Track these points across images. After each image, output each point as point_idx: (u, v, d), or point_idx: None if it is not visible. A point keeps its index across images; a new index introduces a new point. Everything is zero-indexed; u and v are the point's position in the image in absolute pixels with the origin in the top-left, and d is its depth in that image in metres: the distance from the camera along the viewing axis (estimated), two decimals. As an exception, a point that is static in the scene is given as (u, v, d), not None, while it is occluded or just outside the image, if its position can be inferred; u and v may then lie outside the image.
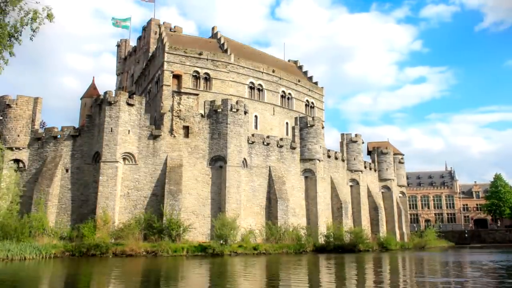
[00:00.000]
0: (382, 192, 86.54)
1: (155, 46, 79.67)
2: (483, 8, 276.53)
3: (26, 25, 22.35)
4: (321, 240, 62.63)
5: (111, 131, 55.31)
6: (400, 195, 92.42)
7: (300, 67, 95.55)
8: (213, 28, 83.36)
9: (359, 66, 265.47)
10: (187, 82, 68.55)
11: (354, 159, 77.84)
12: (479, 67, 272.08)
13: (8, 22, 22.63)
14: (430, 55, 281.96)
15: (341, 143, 78.62)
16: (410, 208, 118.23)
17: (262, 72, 76.74)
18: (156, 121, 63.78)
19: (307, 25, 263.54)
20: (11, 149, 57.00)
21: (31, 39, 23.05)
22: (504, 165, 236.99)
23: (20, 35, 22.94)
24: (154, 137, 57.70)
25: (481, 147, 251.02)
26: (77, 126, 62.80)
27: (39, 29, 22.60)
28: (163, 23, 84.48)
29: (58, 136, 58.13)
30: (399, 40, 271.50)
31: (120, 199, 54.94)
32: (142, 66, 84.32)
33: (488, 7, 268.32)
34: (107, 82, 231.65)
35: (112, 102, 56.06)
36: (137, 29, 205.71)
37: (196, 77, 69.81)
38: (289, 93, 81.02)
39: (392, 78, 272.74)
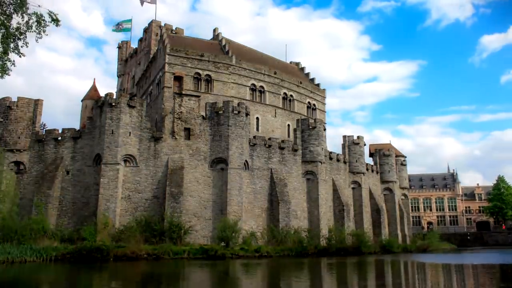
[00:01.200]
0: (384, 195, 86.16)
1: (156, 48, 79.39)
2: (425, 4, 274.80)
3: (31, 27, 22.20)
4: (323, 242, 62.46)
5: (112, 133, 55.11)
6: (402, 197, 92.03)
7: (302, 69, 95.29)
8: (214, 30, 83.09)
9: (303, 64, 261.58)
10: (188, 84, 68.28)
11: (356, 161, 77.57)
12: (436, 65, 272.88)
13: (12, 24, 22.49)
14: (383, 52, 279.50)
15: (343, 145, 78.36)
16: (412, 210, 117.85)
17: (264, 74, 76.47)
18: (157, 123, 63.54)
19: (233, 18, 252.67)
20: (11, 151, 56.81)
21: (36, 41, 23.01)
22: (479, 165, 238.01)
23: (26, 38, 22.79)
24: (155, 139, 57.49)
25: (453, 148, 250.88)
26: (78, 128, 62.46)
27: (45, 31, 22.48)
28: (164, 24, 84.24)
29: (59, 138, 57.94)
30: (345, 36, 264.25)
31: (121, 201, 54.69)
32: (143, 68, 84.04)
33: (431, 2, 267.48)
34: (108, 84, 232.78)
35: (113, 104, 55.87)
36: (138, 31, 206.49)
37: (198, 79, 69.55)
38: (291, 95, 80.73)
39: (343, 76, 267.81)
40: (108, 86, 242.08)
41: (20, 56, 23.09)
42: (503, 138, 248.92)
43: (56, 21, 22.37)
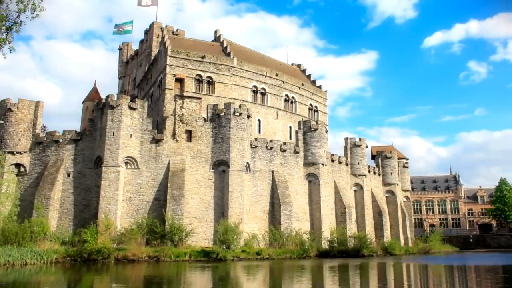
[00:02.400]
0: (386, 197, 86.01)
1: (157, 50, 79.31)
2: None
3: (24, 11, 22.08)
4: (325, 245, 62.25)
5: (113, 135, 54.94)
6: (405, 199, 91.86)
7: (304, 71, 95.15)
8: (215, 32, 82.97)
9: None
10: (190, 86, 68.13)
11: (358, 163, 77.34)
12: (387, 59, 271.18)
13: (2, 7, 22.36)
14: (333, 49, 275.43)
15: (345, 147, 78.17)
16: (414, 212, 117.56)
17: (265, 76, 76.29)
18: (159, 125, 63.38)
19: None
20: (12, 153, 56.64)
21: (30, 19, 22.92)
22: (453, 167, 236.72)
23: (19, 25, 22.69)
24: (156, 141, 57.30)
25: (420, 150, 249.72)
26: (78, 130, 62.30)
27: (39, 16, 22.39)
28: (166, 26, 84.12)
29: (60, 140, 57.75)
30: (283, 32, 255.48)
31: (122, 203, 54.52)
32: (144, 70, 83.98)
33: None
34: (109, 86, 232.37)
35: (114, 106, 55.70)
36: (139, 32, 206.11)
37: (199, 80, 69.40)
38: (293, 97, 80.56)
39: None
40: (109, 88, 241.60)
41: (11, 51, 22.92)
42: (469, 139, 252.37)
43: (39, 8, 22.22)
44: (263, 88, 75.48)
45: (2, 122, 57.27)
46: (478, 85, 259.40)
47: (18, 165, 57.25)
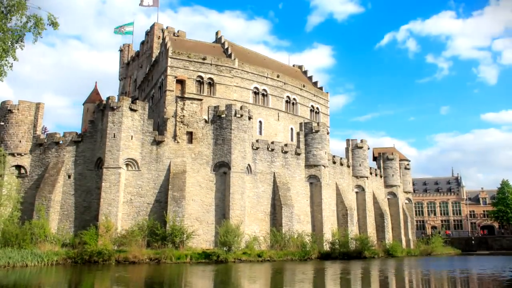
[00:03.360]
0: (388, 199, 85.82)
1: (158, 51, 79.23)
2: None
3: (29, 31, 22.02)
4: (326, 247, 62.07)
5: (114, 136, 54.77)
6: (406, 201, 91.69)
7: (305, 72, 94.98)
8: (217, 33, 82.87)
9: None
10: (191, 87, 67.98)
11: (360, 165, 77.17)
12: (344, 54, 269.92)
13: (11, 27, 22.31)
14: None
15: (347, 149, 78.05)
16: (416, 214, 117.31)
17: (267, 77, 76.14)
18: (159, 126, 63.20)
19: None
20: (12, 155, 56.45)
21: (33, 43, 22.90)
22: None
23: (23, 41, 22.61)
24: (157, 143, 57.12)
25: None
26: (79, 131, 62.14)
27: (40, 34, 22.26)
28: (167, 27, 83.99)
29: (60, 142, 57.57)
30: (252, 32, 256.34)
31: (123, 205, 54.35)
32: (145, 71, 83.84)
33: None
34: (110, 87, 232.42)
35: (115, 107, 55.53)
36: (140, 34, 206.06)
37: (200, 82, 69.25)
38: (294, 98, 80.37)
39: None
40: (109, 89, 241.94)
41: (14, 60, 22.83)
42: (442, 139, 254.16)
43: (54, 24, 22.15)
44: (264, 90, 75.32)
45: (2, 123, 57.14)
46: (440, 83, 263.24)
47: (18, 167, 57.08)
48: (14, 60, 22.84)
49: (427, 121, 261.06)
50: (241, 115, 59.94)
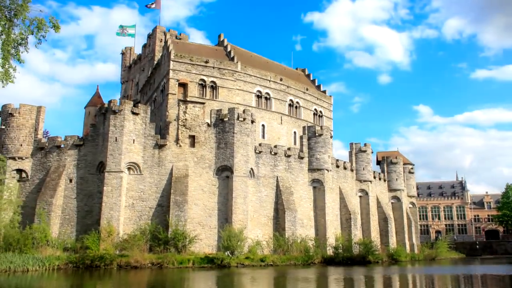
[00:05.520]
0: (392, 203, 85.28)
1: (160, 54, 78.94)
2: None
3: (32, 33, 21.90)
4: (330, 251, 61.54)
5: (116, 140, 54.37)
6: (410, 205, 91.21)
7: (308, 75, 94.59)
8: (219, 36, 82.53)
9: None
10: (193, 91, 67.63)
11: (363, 169, 76.68)
12: None
13: (13, 31, 22.19)
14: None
15: (350, 153, 77.61)
16: (420, 219, 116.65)
17: (270, 81, 75.76)
18: (162, 130, 62.82)
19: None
20: (13, 159, 56.04)
21: (36, 46, 22.89)
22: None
23: (27, 43, 22.52)
24: (159, 146, 56.74)
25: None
26: (81, 135, 61.80)
27: (45, 37, 22.22)
28: (169, 30, 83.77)
29: (62, 146, 57.19)
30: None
31: (125, 209, 53.92)
32: (147, 74, 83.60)
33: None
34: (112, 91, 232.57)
35: (117, 111, 55.16)
36: (142, 36, 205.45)
37: (202, 85, 68.89)
38: (297, 102, 79.98)
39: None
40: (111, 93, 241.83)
41: (20, 63, 22.80)
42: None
43: (56, 27, 22.12)
44: (267, 93, 74.93)
45: (3, 127, 56.81)
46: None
47: (19, 171, 56.65)
48: (20, 63, 22.84)
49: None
50: (244, 119, 59.55)
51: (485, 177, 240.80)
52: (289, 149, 65.70)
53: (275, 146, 64.55)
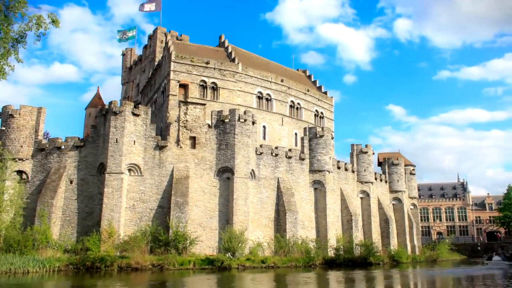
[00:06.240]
0: (393, 204, 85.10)
1: (161, 55, 78.79)
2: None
3: (30, 30, 21.84)
4: (331, 253, 61.35)
5: (116, 141, 54.26)
6: (412, 207, 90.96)
7: (309, 76, 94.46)
8: (220, 37, 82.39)
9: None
10: (194, 92, 67.50)
11: (365, 170, 76.48)
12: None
13: (12, 27, 22.12)
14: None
15: (351, 154, 77.39)
16: (421, 220, 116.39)
17: (271, 82, 75.62)
18: (162, 131, 62.70)
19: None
20: (14, 160, 55.89)
21: (35, 43, 22.80)
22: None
23: (25, 40, 22.46)
24: (160, 148, 56.62)
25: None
26: (81, 136, 61.68)
27: (44, 34, 22.19)
28: (169, 31, 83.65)
29: (62, 147, 57.06)
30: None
31: (126, 211, 53.79)
32: (148, 75, 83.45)
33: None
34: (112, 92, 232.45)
35: (117, 112, 55.06)
36: (142, 38, 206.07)
37: (203, 86, 68.77)
38: (298, 103, 79.83)
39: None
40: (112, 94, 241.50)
41: (18, 61, 22.73)
42: None
43: (55, 22, 22.08)
44: (268, 94, 74.80)
45: (3, 128, 56.71)
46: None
47: (20, 172, 56.55)
48: (18, 62, 22.77)
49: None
50: (245, 120, 59.43)
51: (470, 178, 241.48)
52: (290, 150, 65.54)
53: (276, 148, 64.39)
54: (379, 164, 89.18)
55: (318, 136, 67.17)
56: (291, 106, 78.55)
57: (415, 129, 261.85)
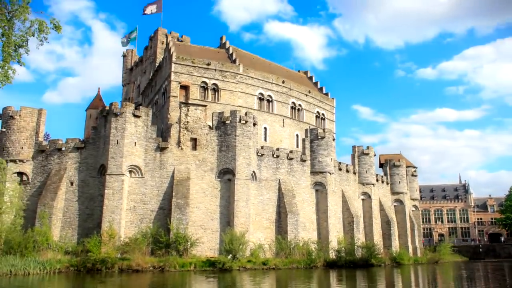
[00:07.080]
0: (395, 206, 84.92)
1: (162, 56, 78.73)
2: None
3: (33, 35, 21.82)
4: (332, 255, 61.15)
5: (117, 143, 54.11)
6: (413, 208, 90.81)
7: (311, 78, 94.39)
8: (221, 38, 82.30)
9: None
10: (195, 93, 67.41)
11: (366, 172, 76.32)
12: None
13: (14, 32, 22.10)
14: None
15: (353, 156, 77.25)
16: (423, 222, 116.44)
17: (272, 83, 75.51)
18: (163, 133, 62.61)
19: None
20: (14, 161, 55.84)
21: (37, 48, 22.93)
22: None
23: (27, 45, 22.45)
24: (161, 149, 56.46)
25: None
26: (82, 138, 61.55)
27: (47, 39, 22.15)
28: (170, 32, 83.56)
29: (63, 149, 56.92)
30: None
31: (126, 212, 53.62)
32: (149, 77, 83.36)
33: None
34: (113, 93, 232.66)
35: (118, 113, 54.91)
36: (143, 38, 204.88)
37: (204, 88, 68.69)
38: (299, 104, 79.71)
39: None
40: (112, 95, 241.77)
41: (20, 65, 22.75)
42: None
43: (57, 28, 22.09)
44: (269, 96, 74.69)
45: (4, 130, 56.60)
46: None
47: (20, 174, 56.43)
48: (21, 65, 22.78)
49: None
50: (246, 122, 59.26)
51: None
52: (291, 152, 65.37)
53: (277, 149, 64.22)
54: (381, 165, 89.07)
55: (319, 137, 66.99)
56: (292, 107, 78.44)
57: (386, 129, 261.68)
